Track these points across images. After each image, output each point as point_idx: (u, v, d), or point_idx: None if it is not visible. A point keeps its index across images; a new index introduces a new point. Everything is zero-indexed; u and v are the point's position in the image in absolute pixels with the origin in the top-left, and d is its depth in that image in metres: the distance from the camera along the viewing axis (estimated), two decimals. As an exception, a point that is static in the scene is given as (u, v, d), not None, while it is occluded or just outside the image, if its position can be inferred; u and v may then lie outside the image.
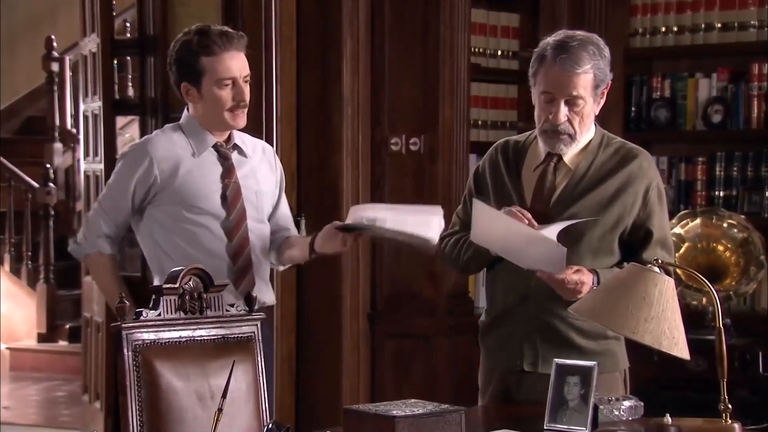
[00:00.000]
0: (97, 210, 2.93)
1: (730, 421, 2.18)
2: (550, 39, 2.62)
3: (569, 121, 2.56)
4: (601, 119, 4.25)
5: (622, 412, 2.30)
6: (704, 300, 3.61)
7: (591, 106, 2.59)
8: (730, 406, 2.17)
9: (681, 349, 2.16)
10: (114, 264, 2.93)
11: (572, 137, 2.58)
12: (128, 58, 6.12)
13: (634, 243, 2.60)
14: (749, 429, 2.25)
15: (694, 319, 3.02)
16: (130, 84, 6.22)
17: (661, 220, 2.63)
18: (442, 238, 2.75)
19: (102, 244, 2.90)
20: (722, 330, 2.19)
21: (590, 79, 2.56)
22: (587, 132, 2.62)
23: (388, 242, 3.42)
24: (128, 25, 6.75)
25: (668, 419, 2.17)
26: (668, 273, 2.25)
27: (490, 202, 2.64)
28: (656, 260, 2.23)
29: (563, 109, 2.55)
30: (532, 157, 2.67)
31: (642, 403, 2.37)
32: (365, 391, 4.12)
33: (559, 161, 2.62)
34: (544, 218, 2.56)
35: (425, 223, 2.74)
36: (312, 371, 4.16)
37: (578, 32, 2.64)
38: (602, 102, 2.63)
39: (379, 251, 4.15)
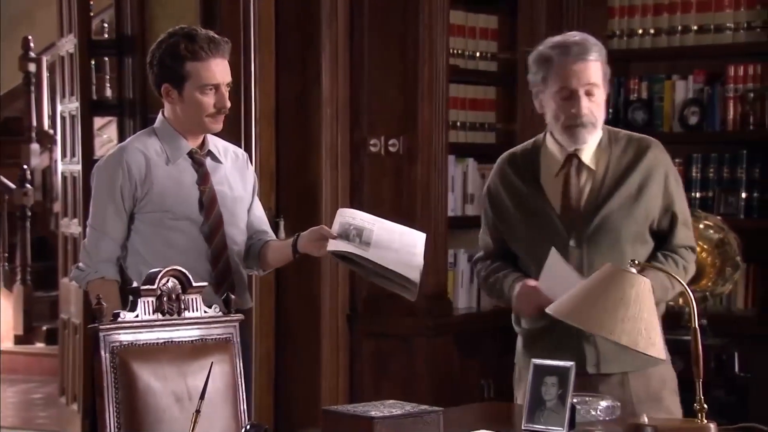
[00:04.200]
0: (94, 233, 2.86)
1: (705, 421, 2.20)
2: (547, 43, 2.67)
3: (590, 111, 2.61)
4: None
5: (599, 413, 2.32)
6: (681, 300, 3.63)
7: (603, 96, 2.64)
8: (705, 406, 2.19)
9: (658, 350, 2.18)
10: (117, 289, 2.84)
11: (594, 126, 2.62)
12: (106, 58, 6.10)
13: (663, 228, 2.69)
14: (725, 429, 2.27)
15: (670, 320, 3.04)
16: (108, 84, 6.20)
17: (682, 201, 2.72)
18: (474, 262, 2.86)
19: (105, 268, 2.84)
20: (698, 330, 2.21)
21: (600, 67, 2.63)
22: (600, 126, 2.66)
23: (370, 283, 3.50)
24: (106, 25, 6.72)
25: (644, 419, 2.19)
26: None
27: (523, 227, 2.67)
28: (632, 261, 2.25)
29: (585, 100, 2.59)
30: (548, 163, 2.69)
31: (619, 404, 2.38)
32: (344, 391, 4.12)
33: (579, 163, 2.65)
34: (578, 223, 2.62)
35: (409, 259, 2.77)
36: (291, 372, 4.16)
37: (568, 33, 2.71)
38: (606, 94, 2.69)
39: (358, 252, 4.16)
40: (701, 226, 3.77)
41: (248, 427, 1.70)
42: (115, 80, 4.98)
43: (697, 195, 4.13)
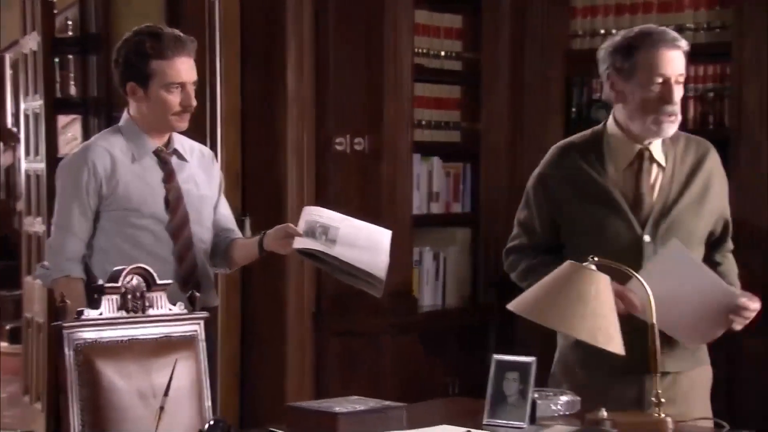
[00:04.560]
0: (59, 232, 2.87)
1: (662, 415, 2.24)
2: (627, 33, 2.60)
3: (679, 101, 2.56)
4: (540, 120, 4.40)
5: (559, 407, 2.35)
6: (642, 297, 3.68)
7: (682, 88, 2.58)
8: (662, 400, 2.23)
9: (616, 345, 2.22)
10: (83, 287, 2.85)
11: (677, 118, 2.57)
12: (70, 56, 6.06)
13: (715, 233, 2.70)
14: (680, 422, 2.31)
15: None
16: (72, 82, 6.16)
17: (728, 207, 2.73)
18: (507, 251, 2.77)
19: (70, 267, 2.84)
20: (655, 326, 2.25)
21: (685, 58, 2.58)
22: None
23: (336, 281, 3.51)
24: (70, 23, 6.67)
25: (603, 413, 2.23)
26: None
27: (579, 209, 2.60)
28: (592, 257, 2.28)
29: (676, 88, 2.54)
30: (615, 155, 2.62)
31: (579, 398, 2.42)
32: (310, 390, 4.14)
33: (651, 157, 2.61)
34: (652, 218, 2.59)
35: (375, 256, 2.79)
36: (257, 371, 4.17)
37: (643, 26, 2.65)
38: None
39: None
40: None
41: (211, 422, 1.71)
42: (79, 78, 4.95)
43: (659, 193, 4.19)
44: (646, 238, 2.59)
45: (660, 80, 2.55)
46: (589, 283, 2.22)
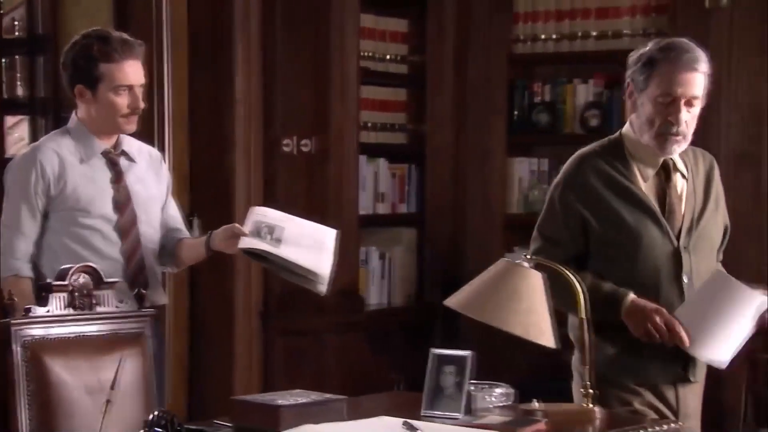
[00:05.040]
0: (8, 232, 2.90)
1: (591, 405, 2.35)
2: (656, 45, 2.60)
3: (686, 123, 2.55)
4: (483, 122, 4.50)
5: (494, 399, 2.44)
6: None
7: (699, 108, 2.58)
8: (591, 391, 2.33)
9: (547, 339, 2.32)
10: (31, 285, 2.87)
11: (685, 138, 2.58)
12: (17, 57, 6.04)
13: (723, 240, 2.75)
14: (609, 411, 2.42)
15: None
16: (19, 83, 6.14)
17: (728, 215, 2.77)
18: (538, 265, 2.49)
19: (19, 266, 2.88)
20: (586, 321, 2.35)
21: (704, 80, 2.57)
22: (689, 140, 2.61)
23: (283, 281, 3.58)
24: (17, 23, 6.65)
25: (535, 404, 2.33)
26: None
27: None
28: (525, 255, 2.38)
29: (684, 110, 2.54)
30: (643, 165, 2.62)
31: (513, 391, 2.51)
32: (257, 387, 4.19)
33: (675, 167, 2.62)
34: (682, 228, 2.61)
35: (320, 255, 2.85)
36: (205, 368, 4.21)
37: (675, 39, 2.64)
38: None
39: (271, 250, 4.23)
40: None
41: (156, 413, 1.78)
42: (27, 79, 4.95)
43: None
44: (682, 247, 2.59)
45: (669, 99, 2.55)
46: (523, 280, 2.32)
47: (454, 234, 4.57)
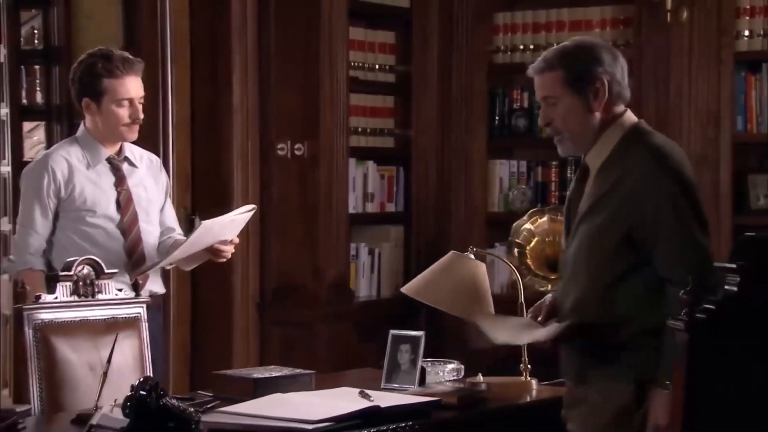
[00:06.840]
0: (23, 230, 3.22)
1: (529, 378, 2.66)
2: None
3: (551, 123, 2.48)
4: (466, 127, 4.77)
5: (445, 374, 2.75)
6: (549, 286, 4.08)
7: (570, 104, 2.45)
8: (529, 366, 2.65)
9: (489, 323, 2.61)
10: (43, 277, 3.18)
11: (565, 138, 2.47)
12: (36, 66, 6.30)
13: None
14: (544, 384, 2.73)
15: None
16: (38, 89, 6.41)
17: None
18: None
19: (33, 260, 3.19)
20: (523, 305, 2.67)
21: (559, 76, 2.45)
22: (589, 130, 2.46)
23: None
24: (36, 31, 6.91)
25: (480, 377, 2.64)
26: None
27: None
28: (471, 248, 2.70)
29: (543, 112, 2.48)
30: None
31: (463, 366, 2.82)
32: (254, 373, 4.45)
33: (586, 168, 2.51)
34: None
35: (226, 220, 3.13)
36: (206, 356, 4.43)
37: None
38: (598, 98, 2.45)
39: (268, 246, 4.48)
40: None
41: (140, 379, 2.09)
42: (44, 86, 5.22)
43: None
44: None
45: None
46: (468, 269, 2.63)
47: (439, 231, 4.79)
